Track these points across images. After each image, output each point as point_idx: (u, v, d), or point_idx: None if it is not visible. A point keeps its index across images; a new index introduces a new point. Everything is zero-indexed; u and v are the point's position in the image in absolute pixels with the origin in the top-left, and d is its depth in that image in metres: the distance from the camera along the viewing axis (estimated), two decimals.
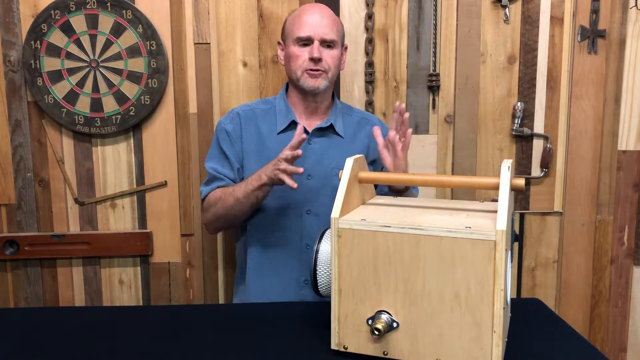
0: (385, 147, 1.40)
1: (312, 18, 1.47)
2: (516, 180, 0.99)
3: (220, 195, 1.48)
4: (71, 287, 1.89)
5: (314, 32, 1.45)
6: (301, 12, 1.51)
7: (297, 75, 1.48)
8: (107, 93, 1.79)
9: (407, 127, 1.37)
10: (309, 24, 1.46)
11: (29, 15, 1.75)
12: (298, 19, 1.49)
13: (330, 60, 1.48)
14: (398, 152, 1.37)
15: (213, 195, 1.50)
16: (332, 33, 1.47)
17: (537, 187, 1.91)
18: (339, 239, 0.99)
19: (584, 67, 1.85)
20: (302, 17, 1.48)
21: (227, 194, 1.46)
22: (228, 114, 1.58)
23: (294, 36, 1.47)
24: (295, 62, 1.47)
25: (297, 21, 1.49)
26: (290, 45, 1.49)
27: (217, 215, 1.50)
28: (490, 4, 1.82)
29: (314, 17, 1.48)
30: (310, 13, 1.49)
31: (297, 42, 1.47)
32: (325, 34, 1.46)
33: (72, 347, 1.08)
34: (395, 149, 1.37)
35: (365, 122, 1.60)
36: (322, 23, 1.47)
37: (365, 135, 1.57)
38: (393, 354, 0.98)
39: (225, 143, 1.53)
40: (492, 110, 1.87)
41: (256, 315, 1.24)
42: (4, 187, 1.84)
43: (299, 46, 1.47)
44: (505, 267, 0.91)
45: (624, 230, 1.93)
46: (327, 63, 1.47)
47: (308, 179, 1.49)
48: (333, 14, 1.52)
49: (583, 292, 1.96)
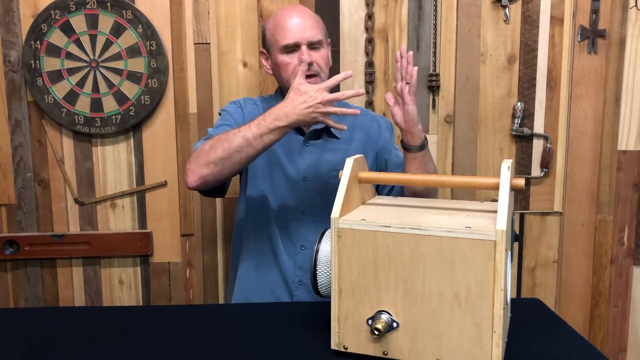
0: (396, 104, 1.37)
1: (293, 23, 1.42)
2: (516, 180, 0.99)
3: (220, 137, 1.29)
4: (71, 287, 1.90)
5: (300, 37, 1.41)
6: (280, 18, 1.45)
7: (290, 83, 1.40)
8: (107, 93, 1.79)
9: (412, 67, 1.32)
10: (292, 30, 1.41)
11: (29, 15, 1.75)
12: (279, 26, 1.43)
13: (321, 61, 1.44)
14: (405, 96, 1.33)
15: (210, 139, 1.32)
16: (317, 34, 1.43)
17: (537, 187, 1.91)
18: (339, 239, 0.99)
19: (584, 67, 1.85)
20: (283, 23, 1.43)
21: (230, 134, 1.27)
22: (231, 102, 1.55)
23: (280, 45, 1.42)
24: (286, 70, 1.43)
25: (278, 29, 1.44)
26: (276, 53, 1.44)
27: (212, 159, 1.28)
28: (490, 4, 1.82)
29: (295, 21, 1.42)
30: (290, 18, 1.43)
31: (284, 50, 1.42)
32: (311, 36, 1.42)
33: (72, 347, 1.08)
34: (402, 95, 1.33)
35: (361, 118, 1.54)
36: (306, 25, 1.42)
37: (362, 132, 1.55)
38: (393, 354, 0.98)
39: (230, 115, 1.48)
40: (492, 110, 1.87)
41: (256, 315, 1.24)
42: (4, 187, 1.84)
43: (286, 54, 1.42)
44: (505, 267, 0.91)
45: (624, 230, 1.93)
46: (319, 65, 1.43)
47: (304, 181, 1.49)
48: (311, 12, 1.48)
49: (583, 292, 1.96)
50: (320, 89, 1.25)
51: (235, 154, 1.26)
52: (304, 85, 1.27)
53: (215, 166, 1.28)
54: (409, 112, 1.34)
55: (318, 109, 1.24)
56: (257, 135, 1.25)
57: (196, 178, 1.30)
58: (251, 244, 1.53)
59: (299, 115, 1.25)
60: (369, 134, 1.55)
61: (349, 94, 1.26)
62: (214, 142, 1.29)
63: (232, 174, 1.33)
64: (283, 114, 1.25)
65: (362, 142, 1.54)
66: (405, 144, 1.39)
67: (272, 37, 1.46)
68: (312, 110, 1.25)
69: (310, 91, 1.25)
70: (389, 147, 1.55)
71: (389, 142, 1.56)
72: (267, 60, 1.51)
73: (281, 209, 1.49)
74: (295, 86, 1.28)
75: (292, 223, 1.49)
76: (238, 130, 1.27)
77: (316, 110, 1.24)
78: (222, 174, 1.31)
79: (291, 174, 1.47)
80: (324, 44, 1.47)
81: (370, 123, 1.56)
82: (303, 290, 1.49)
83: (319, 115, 1.25)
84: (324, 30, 1.49)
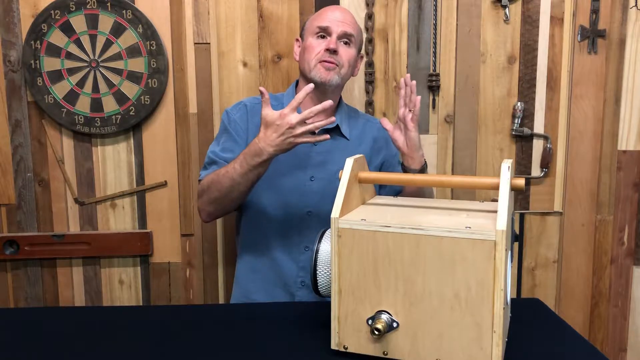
0: (397, 128, 1.40)
1: (333, 14, 1.48)
2: (516, 180, 0.99)
3: (213, 178, 1.37)
4: (71, 287, 1.90)
5: (333, 25, 1.45)
6: (324, 9, 1.52)
7: (310, 66, 1.45)
8: (107, 93, 1.79)
9: (416, 95, 1.35)
10: (329, 18, 1.47)
11: (29, 15, 1.75)
12: (320, 14, 1.51)
13: (346, 56, 1.46)
14: (408, 122, 1.35)
15: (206, 179, 1.41)
16: (351, 28, 1.47)
17: (537, 187, 1.91)
18: (339, 239, 0.99)
19: (584, 67, 1.85)
20: (324, 12, 1.50)
21: (220, 175, 1.35)
22: (235, 104, 1.54)
23: (314, 26, 1.47)
24: (311, 52, 1.46)
25: (318, 15, 1.50)
26: (308, 38, 1.48)
27: (211, 199, 1.39)
28: (490, 4, 1.82)
29: (336, 13, 1.48)
30: (333, 10, 1.50)
31: (316, 33, 1.46)
32: (345, 28, 1.46)
33: (72, 347, 1.08)
34: (405, 121, 1.36)
35: (371, 125, 1.59)
36: (345, 19, 1.48)
37: (371, 138, 1.56)
38: (393, 354, 0.98)
39: (231, 128, 1.49)
40: (492, 110, 1.87)
41: (256, 315, 1.24)
42: (4, 187, 1.84)
43: (317, 37, 1.46)
44: (505, 267, 0.91)
45: (624, 230, 1.93)
46: (342, 58, 1.45)
47: (311, 181, 1.48)
48: (355, 19, 1.54)
49: (583, 292, 1.96)
50: (285, 114, 1.24)
51: (229, 193, 1.35)
52: (269, 115, 1.26)
53: (218, 204, 1.39)
54: (411, 138, 1.37)
55: (290, 134, 1.24)
56: (242, 174, 1.30)
57: (206, 215, 1.45)
58: (254, 243, 1.53)
59: (274, 147, 1.26)
60: (378, 140, 1.57)
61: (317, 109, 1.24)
62: (210, 183, 1.37)
63: (237, 204, 1.44)
64: (259, 149, 1.27)
65: (371, 146, 1.55)
66: (406, 167, 1.42)
67: (310, 23, 1.51)
68: (285, 137, 1.24)
69: (277, 119, 1.24)
70: (394, 162, 1.58)
71: (394, 157, 1.58)
72: (298, 47, 1.55)
73: (286, 209, 1.48)
74: (263, 117, 1.27)
75: (297, 223, 1.48)
76: (226, 170, 1.33)
77: (289, 136, 1.24)
78: (227, 209, 1.44)
79: (298, 173, 1.47)
80: (355, 45, 1.50)
81: (380, 133, 1.58)
82: (305, 291, 1.49)
83: (293, 139, 1.24)
84: (360, 37, 1.54)
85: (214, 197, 1.38)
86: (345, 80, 1.52)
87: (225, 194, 1.36)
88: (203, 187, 1.41)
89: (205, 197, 1.41)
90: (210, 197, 1.39)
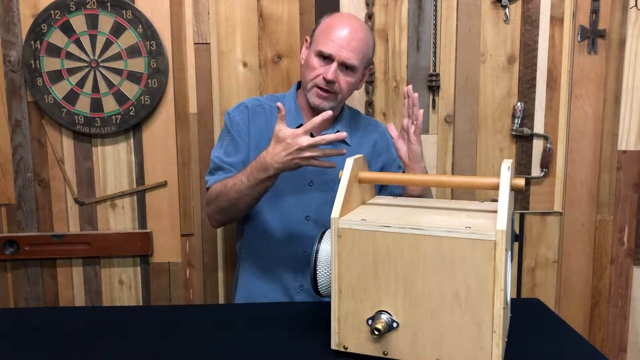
0: (400, 138, 1.40)
1: (340, 34, 1.39)
2: (516, 180, 0.99)
3: (222, 189, 1.38)
4: (71, 287, 1.89)
5: (336, 52, 1.38)
6: (334, 22, 1.43)
7: (307, 87, 1.44)
8: (107, 93, 1.79)
9: (418, 108, 1.34)
10: (334, 42, 1.39)
11: (29, 15, 1.75)
12: (328, 30, 1.41)
13: (344, 85, 1.42)
14: (411, 135, 1.36)
15: (214, 188, 1.41)
16: (354, 58, 1.40)
17: (537, 187, 1.91)
18: (339, 239, 0.99)
19: (584, 67, 1.85)
20: (332, 30, 1.41)
21: (228, 187, 1.36)
22: (237, 106, 1.52)
23: (317, 48, 1.41)
24: (310, 72, 1.42)
25: (325, 32, 1.42)
26: (312, 52, 1.43)
27: (220, 209, 1.41)
28: (490, 4, 1.82)
29: (343, 33, 1.39)
30: (341, 27, 1.40)
31: (319, 55, 1.41)
32: (347, 58, 1.39)
33: (72, 347, 1.08)
34: (408, 133, 1.37)
35: (373, 129, 1.59)
36: (350, 44, 1.39)
37: (371, 142, 1.56)
38: (393, 354, 0.98)
39: (234, 131, 1.48)
40: (492, 110, 1.87)
41: (256, 315, 1.24)
42: (4, 187, 1.84)
43: (319, 59, 1.41)
44: (505, 267, 0.91)
45: (624, 230, 1.93)
46: (340, 86, 1.42)
47: (310, 186, 1.48)
48: (366, 32, 1.45)
49: (583, 292, 1.96)
50: (297, 135, 1.23)
51: (237, 204, 1.36)
52: (282, 132, 1.25)
53: (226, 213, 1.41)
54: (414, 150, 1.38)
55: (298, 154, 1.23)
56: (249, 187, 1.31)
57: (214, 222, 1.47)
58: (253, 248, 1.53)
59: (280, 164, 1.25)
60: (378, 144, 1.57)
61: (329, 138, 1.23)
62: (218, 194, 1.39)
63: (245, 212, 1.43)
64: (266, 164, 1.27)
65: (371, 151, 1.55)
66: None
67: (319, 34, 1.44)
68: (292, 157, 1.24)
69: (288, 138, 1.23)
70: (394, 167, 1.57)
71: (394, 161, 1.58)
72: (306, 50, 1.49)
73: (285, 214, 1.48)
74: (275, 132, 1.27)
75: (296, 228, 1.48)
76: (234, 183, 1.34)
77: (297, 157, 1.24)
78: (234, 217, 1.46)
79: (297, 178, 1.46)
80: (359, 71, 1.45)
81: (381, 137, 1.58)
82: (304, 295, 1.49)
83: (300, 161, 1.24)
84: (367, 57, 1.46)
85: (222, 207, 1.40)
86: (345, 99, 1.50)
87: (234, 205, 1.38)
88: (211, 195, 1.42)
89: (213, 206, 1.42)
90: (219, 206, 1.41)
